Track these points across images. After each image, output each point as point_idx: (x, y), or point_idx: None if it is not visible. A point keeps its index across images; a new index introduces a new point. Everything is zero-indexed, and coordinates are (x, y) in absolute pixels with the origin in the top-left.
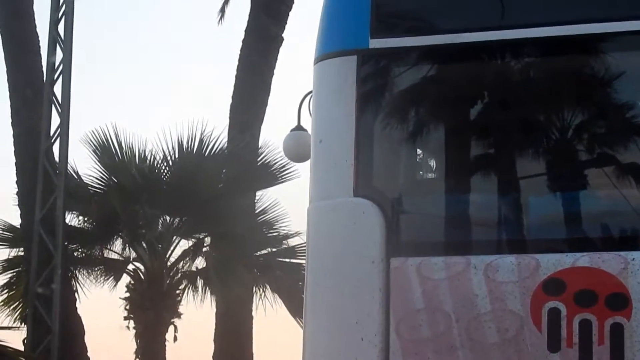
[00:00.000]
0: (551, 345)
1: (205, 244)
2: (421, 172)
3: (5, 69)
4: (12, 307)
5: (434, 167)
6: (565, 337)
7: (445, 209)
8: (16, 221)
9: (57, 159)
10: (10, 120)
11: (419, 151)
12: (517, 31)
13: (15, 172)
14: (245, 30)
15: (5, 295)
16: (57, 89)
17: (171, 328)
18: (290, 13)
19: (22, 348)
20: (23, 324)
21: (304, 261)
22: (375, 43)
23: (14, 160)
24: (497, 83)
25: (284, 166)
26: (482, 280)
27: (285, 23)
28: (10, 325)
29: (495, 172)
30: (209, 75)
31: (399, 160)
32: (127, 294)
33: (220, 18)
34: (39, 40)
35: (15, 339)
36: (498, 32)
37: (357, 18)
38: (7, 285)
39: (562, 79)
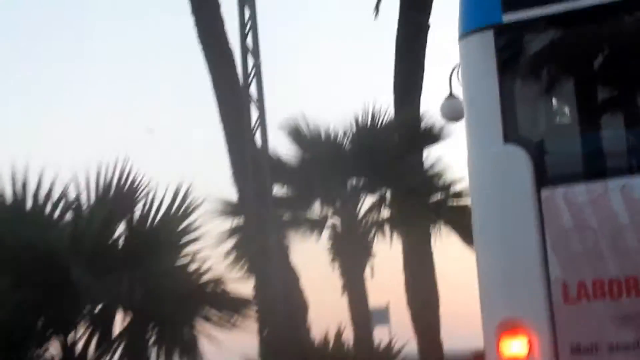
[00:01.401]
0: None
1: (387, 198)
2: (558, 118)
3: (210, 77)
4: (239, 265)
5: (568, 113)
6: None
7: (581, 145)
8: (233, 197)
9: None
10: (219, 117)
11: (554, 101)
12: None
13: (229, 159)
14: (398, 22)
15: (233, 257)
16: (252, 87)
17: (367, 267)
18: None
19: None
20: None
21: (469, 202)
22: (507, 17)
23: (227, 148)
24: (619, 40)
25: (442, 127)
26: (620, 199)
27: (430, 11)
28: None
29: (620, 112)
30: (369, 61)
31: (539, 110)
32: (331, 242)
33: (376, 15)
34: (232, 52)
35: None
36: None
37: None
38: (235, 247)
39: None
